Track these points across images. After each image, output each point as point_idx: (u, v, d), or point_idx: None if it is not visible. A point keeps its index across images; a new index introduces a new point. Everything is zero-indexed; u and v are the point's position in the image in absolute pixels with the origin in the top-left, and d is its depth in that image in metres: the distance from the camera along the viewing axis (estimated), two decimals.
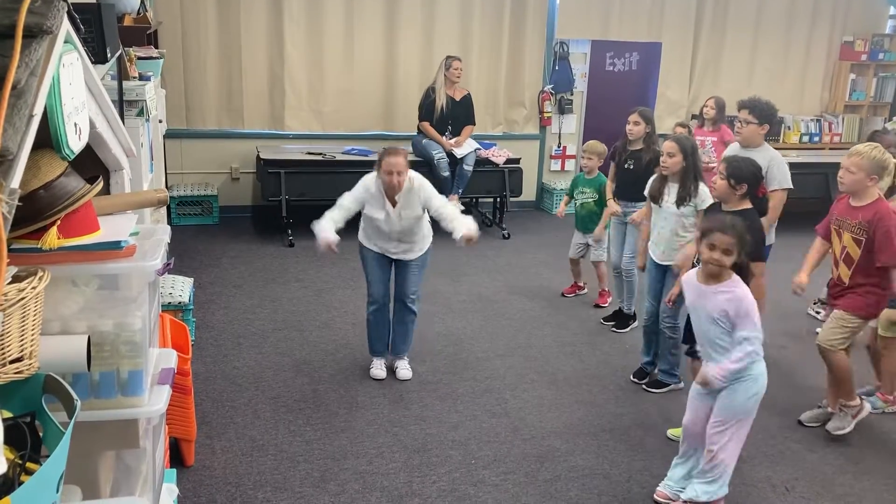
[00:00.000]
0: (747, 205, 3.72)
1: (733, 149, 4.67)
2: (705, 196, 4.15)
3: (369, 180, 4.10)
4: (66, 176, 1.59)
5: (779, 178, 4.44)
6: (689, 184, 4.14)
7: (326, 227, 3.98)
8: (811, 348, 5.01)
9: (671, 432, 3.85)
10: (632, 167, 5.08)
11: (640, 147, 5.10)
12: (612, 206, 5.22)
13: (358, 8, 7.44)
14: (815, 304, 5.63)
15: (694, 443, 3.27)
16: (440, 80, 7.07)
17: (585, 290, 5.83)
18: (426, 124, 7.12)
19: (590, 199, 5.45)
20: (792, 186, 4.49)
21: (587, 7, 8.11)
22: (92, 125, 1.71)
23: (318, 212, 4.06)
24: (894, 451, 3.82)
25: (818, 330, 4.17)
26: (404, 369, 4.37)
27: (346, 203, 4.09)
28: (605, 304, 5.60)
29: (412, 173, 4.11)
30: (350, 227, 4.15)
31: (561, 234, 7.31)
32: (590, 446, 3.74)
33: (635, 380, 4.45)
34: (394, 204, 4.06)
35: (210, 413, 3.85)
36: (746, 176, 3.68)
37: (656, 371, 4.46)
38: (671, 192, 4.22)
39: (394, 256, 4.25)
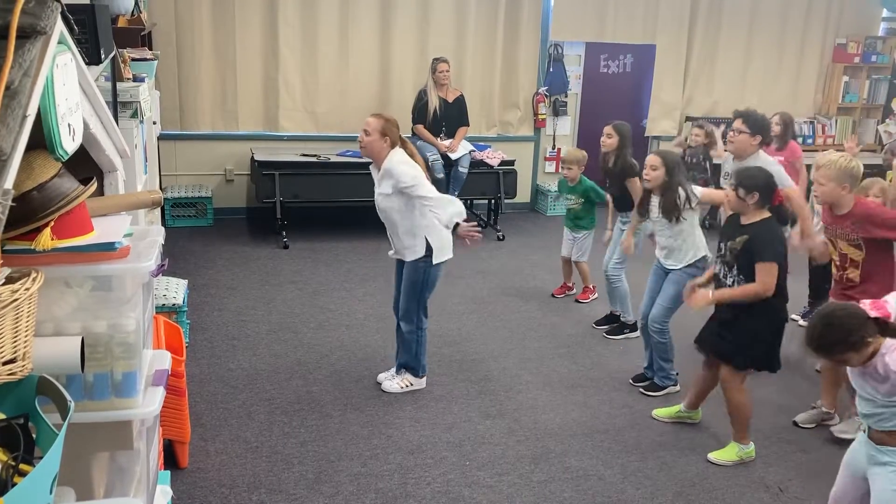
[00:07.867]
0: (765, 214, 3.53)
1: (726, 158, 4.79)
2: (695, 193, 4.17)
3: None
4: (59, 177, 1.59)
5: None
6: (673, 198, 4.10)
7: None
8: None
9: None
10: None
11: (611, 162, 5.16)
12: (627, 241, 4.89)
13: (352, 9, 7.43)
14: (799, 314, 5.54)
15: None
16: (430, 83, 7.11)
17: (574, 290, 5.89)
18: (420, 127, 7.14)
19: (575, 205, 5.58)
20: (793, 184, 4.60)
21: (581, 9, 8.12)
22: (86, 126, 1.71)
23: (313, 213, 4.06)
24: None
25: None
26: (387, 380, 4.24)
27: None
28: (587, 300, 5.73)
29: (396, 156, 3.85)
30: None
31: (555, 235, 7.31)
32: (584, 448, 3.74)
33: (634, 383, 4.44)
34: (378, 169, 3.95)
35: (204, 415, 3.85)
36: (756, 184, 3.49)
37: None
38: (655, 204, 4.28)
39: (389, 253, 4.16)
